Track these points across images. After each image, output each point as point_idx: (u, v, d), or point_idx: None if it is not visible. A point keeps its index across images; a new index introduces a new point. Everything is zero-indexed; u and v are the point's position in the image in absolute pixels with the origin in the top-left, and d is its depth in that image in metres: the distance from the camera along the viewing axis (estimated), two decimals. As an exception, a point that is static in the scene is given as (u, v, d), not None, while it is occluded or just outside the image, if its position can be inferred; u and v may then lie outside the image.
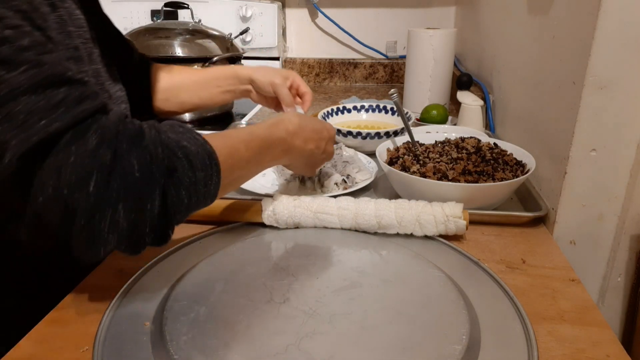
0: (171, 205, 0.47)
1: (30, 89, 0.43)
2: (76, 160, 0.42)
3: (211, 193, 0.52)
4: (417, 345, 0.45)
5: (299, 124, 0.67)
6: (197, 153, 0.49)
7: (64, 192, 0.42)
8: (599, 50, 0.62)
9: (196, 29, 1.36)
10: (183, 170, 0.48)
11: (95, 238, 0.44)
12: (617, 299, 0.74)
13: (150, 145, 0.46)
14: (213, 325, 0.47)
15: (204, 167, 0.49)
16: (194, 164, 0.49)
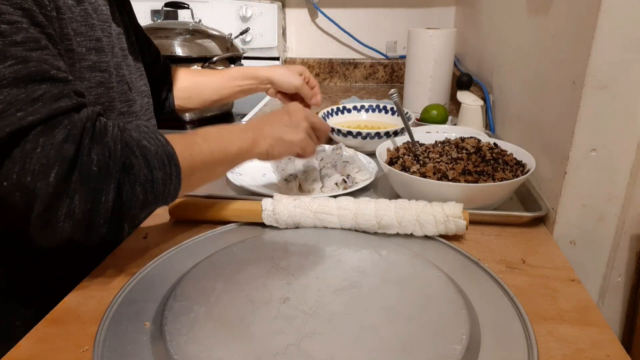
0: (126, 200, 0.50)
1: (13, 82, 0.46)
2: (42, 151, 0.46)
3: (171, 192, 0.54)
4: (417, 345, 0.45)
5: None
6: (156, 153, 0.53)
7: (27, 180, 0.46)
8: (599, 50, 0.62)
9: (196, 29, 1.36)
10: (139, 168, 0.51)
11: (52, 225, 0.48)
12: (617, 299, 0.74)
13: (110, 142, 0.50)
14: (213, 325, 0.47)
15: (162, 167, 0.52)
16: (151, 163, 0.52)
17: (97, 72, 0.66)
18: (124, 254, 0.64)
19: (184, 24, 1.37)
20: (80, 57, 0.63)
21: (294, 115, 0.70)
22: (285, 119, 0.70)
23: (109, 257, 0.63)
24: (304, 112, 0.71)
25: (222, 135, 0.63)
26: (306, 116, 0.71)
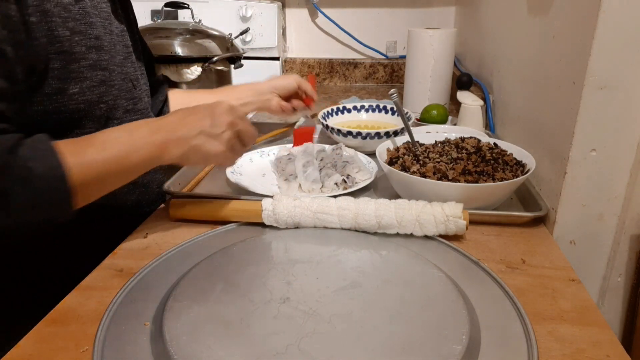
0: (3, 218, 0.51)
1: None
2: None
3: (60, 210, 0.54)
4: (417, 345, 0.45)
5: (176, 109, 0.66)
6: (41, 175, 0.51)
7: None
8: (599, 50, 0.62)
9: (196, 29, 1.36)
10: (15, 191, 0.50)
11: None
12: (617, 299, 0.74)
13: None
14: (213, 325, 0.47)
15: (48, 189, 0.52)
16: (34, 184, 0.51)
17: (98, 71, 0.66)
18: (124, 254, 0.64)
19: (184, 24, 1.37)
20: (79, 56, 0.63)
21: (218, 118, 0.62)
22: (207, 122, 0.62)
23: (108, 257, 0.63)
24: (230, 115, 0.63)
25: (124, 141, 0.58)
26: (231, 122, 0.63)
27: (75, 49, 0.62)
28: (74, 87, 0.63)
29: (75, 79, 0.63)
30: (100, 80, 0.67)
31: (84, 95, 0.64)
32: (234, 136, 0.64)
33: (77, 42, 0.62)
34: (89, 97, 0.65)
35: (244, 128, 0.65)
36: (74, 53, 0.62)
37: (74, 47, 0.62)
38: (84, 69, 0.64)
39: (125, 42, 0.76)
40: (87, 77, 0.64)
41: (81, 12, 0.64)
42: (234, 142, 0.64)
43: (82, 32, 0.63)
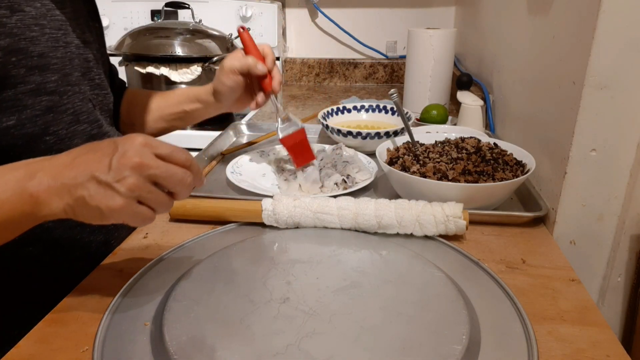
0: None
1: None
2: None
3: None
4: (417, 345, 0.45)
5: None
6: None
7: None
8: (599, 50, 0.62)
9: (196, 29, 1.36)
10: None
11: None
12: (617, 299, 0.74)
13: None
14: (213, 325, 0.47)
15: None
16: None
17: (43, 96, 0.56)
18: (124, 254, 0.64)
19: (184, 24, 1.37)
20: (17, 80, 0.53)
21: (121, 159, 0.44)
22: (104, 163, 0.44)
23: (108, 257, 0.63)
24: (138, 155, 0.44)
25: None
26: (139, 164, 0.44)
27: (11, 72, 0.52)
28: (8, 119, 0.53)
29: (10, 109, 0.53)
30: (46, 108, 0.57)
31: (23, 128, 0.55)
32: (145, 183, 0.45)
33: (13, 63, 0.52)
34: (29, 130, 0.56)
35: (163, 171, 0.45)
36: (9, 77, 0.52)
37: (9, 71, 0.52)
38: (23, 95, 0.54)
39: (86, 55, 0.66)
40: (28, 104, 0.55)
41: (19, 25, 0.53)
42: (145, 192, 0.45)
43: (22, 50, 0.53)
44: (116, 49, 1.35)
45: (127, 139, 0.46)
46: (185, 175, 0.47)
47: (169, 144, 0.47)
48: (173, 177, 0.46)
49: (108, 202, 0.44)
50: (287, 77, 1.86)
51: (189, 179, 0.47)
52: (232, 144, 1.10)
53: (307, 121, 1.18)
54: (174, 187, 0.47)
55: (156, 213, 0.47)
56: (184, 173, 0.47)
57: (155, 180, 0.45)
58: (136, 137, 0.46)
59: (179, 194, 0.48)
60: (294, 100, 1.59)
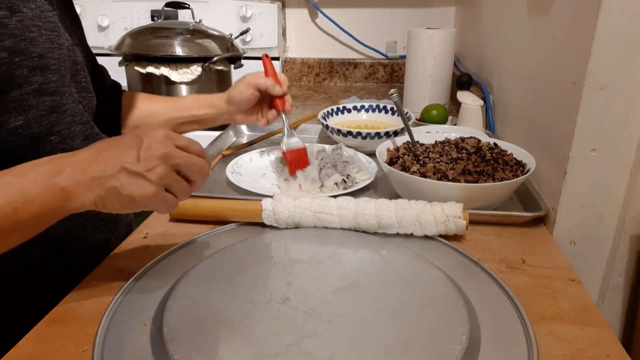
0: None
1: None
2: None
3: None
4: (417, 345, 0.45)
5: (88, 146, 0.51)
6: None
7: None
8: (599, 50, 0.62)
9: (196, 29, 1.36)
10: None
11: None
12: (617, 299, 0.74)
13: None
14: (213, 325, 0.47)
15: None
16: None
17: (46, 96, 0.57)
18: (124, 254, 0.64)
19: (184, 24, 1.37)
20: (21, 81, 0.54)
21: (149, 150, 0.47)
22: (132, 155, 0.47)
23: (108, 257, 0.63)
24: (163, 146, 0.48)
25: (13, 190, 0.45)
26: (165, 154, 0.48)
27: (15, 72, 0.52)
28: (16, 119, 0.54)
29: (17, 110, 0.53)
30: (50, 108, 0.57)
31: (30, 128, 0.55)
32: (171, 172, 0.48)
33: (18, 63, 0.53)
34: (35, 130, 0.56)
35: (186, 160, 0.49)
36: (14, 78, 0.52)
37: (14, 71, 0.52)
38: (29, 95, 0.54)
39: (74, 57, 0.66)
40: (33, 105, 0.55)
41: (19, 26, 0.53)
42: (171, 180, 0.48)
43: (23, 50, 0.53)
44: (116, 49, 1.35)
45: (150, 132, 0.49)
46: (203, 164, 0.51)
47: (185, 137, 0.52)
48: (194, 165, 0.50)
49: (140, 190, 0.47)
50: (287, 77, 1.85)
51: (206, 167, 0.51)
52: (232, 144, 1.10)
53: (307, 121, 1.18)
54: (194, 175, 0.50)
55: (178, 200, 0.50)
56: (202, 162, 0.51)
57: (179, 169, 0.49)
58: (158, 130, 0.50)
59: (197, 182, 0.51)
60: (294, 100, 1.58)
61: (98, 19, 1.63)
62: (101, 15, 1.63)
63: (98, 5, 1.63)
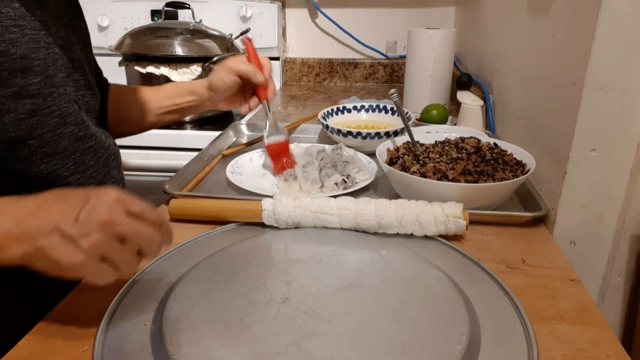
0: None
1: None
2: None
3: None
4: (417, 345, 0.45)
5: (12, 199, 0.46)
6: None
7: None
8: (599, 50, 0.62)
9: (197, 29, 1.36)
10: None
11: None
12: (617, 299, 0.74)
13: None
14: (213, 325, 0.47)
15: None
16: None
17: (26, 99, 0.55)
18: (124, 254, 0.64)
19: (184, 24, 1.37)
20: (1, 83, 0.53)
21: (90, 214, 0.43)
22: (71, 215, 0.43)
23: (109, 257, 0.63)
24: (110, 211, 0.44)
25: None
26: (107, 221, 0.43)
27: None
28: None
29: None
30: (30, 111, 0.56)
31: (6, 132, 0.54)
32: (110, 241, 0.43)
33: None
34: (12, 135, 0.55)
35: (131, 230, 0.44)
36: None
37: None
38: (6, 99, 0.53)
39: (70, 55, 0.64)
40: (10, 108, 0.53)
41: None
42: (109, 250, 0.43)
43: (3, 52, 0.52)
44: (116, 49, 1.35)
45: (100, 193, 0.45)
46: (153, 234, 0.46)
47: (142, 202, 0.47)
48: (141, 235, 0.45)
49: (69, 256, 0.42)
50: (287, 77, 1.86)
51: (157, 238, 0.46)
52: (232, 144, 1.10)
53: (307, 121, 1.18)
54: (143, 246, 0.46)
55: (120, 272, 0.45)
56: (153, 232, 0.46)
57: (123, 238, 0.44)
58: (110, 192, 0.45)
59: (147, 252, 0.46)
60: (294, 100, 1.59)
61: (98, 19, 1.63)
62: (101, 15, 1.63)
63: (98, 5, 1.63)
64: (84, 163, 0.67)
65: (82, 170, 0.66)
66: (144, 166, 1.27)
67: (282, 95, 1.68)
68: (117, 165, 0.75)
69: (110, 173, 0.73)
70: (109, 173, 0.72)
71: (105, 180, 0.71)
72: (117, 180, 0.75)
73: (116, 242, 0.44)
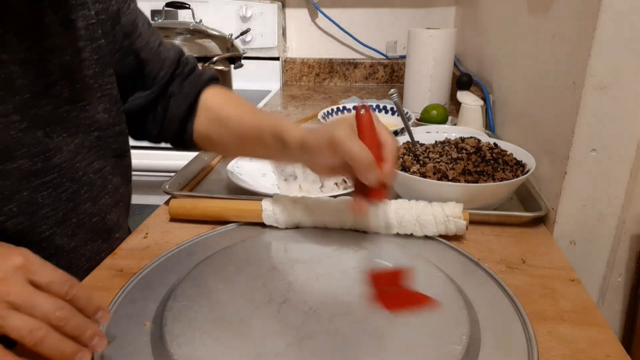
0: None
1: None
2: None
3: None
4: (417, 345, 0.45)
5: None
6: None
7: None
8: (599, 50, 0.62)
9: (197, 29, 1.36)
10: None
11: None
12: (617, 299, 0.74)
13: None
14: (213, 325, 0.47)
15: None
16: None
17: None
18: (124, 254, 0.64)
19: (184, 24, 1.37)
20: None
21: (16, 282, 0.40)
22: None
23: (108, 257, 0.63)
24: (5, 278, 0.40)
25: None
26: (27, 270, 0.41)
27: None
28: None
29: None
30: None
31: None
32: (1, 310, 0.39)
33: None
34: None
35: (24, 300, 0.40)
36: None
37: None
38: None
39: (46, 66, 0.55)
40: None
41: None
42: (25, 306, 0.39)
43: None
44: (116, 49, 1.34)
45: (4, 256, 0.41)
46: (53, 309, 0.40)
47: (54, 273, 0.42)
48: (36, 307, 0.39)
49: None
50: (287, 77, 1.86)
51: (58, 313, 0.40)
52: (232, 144, 1.10)
53: (307, 121, 1.18)
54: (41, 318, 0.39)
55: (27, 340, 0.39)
56: (54, 306, 0.40)
57: (16, 308, 0.39)
58: (15, 257, 0.41)
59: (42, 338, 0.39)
60: (294, 100, 1.59)
61: (98, 19, 1.62)
62: (101, 15, 1.63)
63: (98, 5, 1.62)
64: (35, 202, 0.55)
65: (30, 212, 0.55)
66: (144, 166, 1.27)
67: (282, 95, 1.68)
68: (93, 197, 0.62)
69: (77, 208, 0.60)
70: (75, 209, 0.60)
71: (66, 219, 0.59)
72: (89, 215, 0.62)
73: (6, 311, 0.39)
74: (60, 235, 0.59)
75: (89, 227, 0.63)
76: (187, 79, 0.72)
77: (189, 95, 0.71)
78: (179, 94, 0.71)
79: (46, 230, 0.57)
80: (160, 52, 0.71)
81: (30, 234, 0.56)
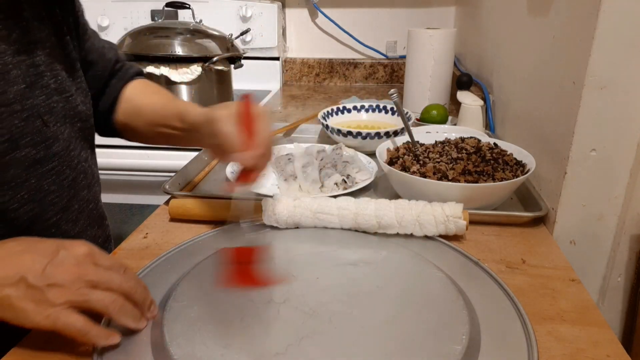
0: None
1: None
2: None
3: None
4: (417, 345, 0.45)
5: None
6: None
7: None
8: (599, 50, 0.62)
9: (197, 29, 1.36)
10: None
11: None
12: (617, 299, 0.74)
13: None
14: (213, 325, 0.47)
15: None
16: None
17: None
18: (124, 254, 0.64)
19: (184, 24, 1.37)
20: None
21: (58, 267, 0.43)
22: (37, 267, 0.43)
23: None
24: (78, 263, 0.44)
25: None
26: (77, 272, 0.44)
27: None
28: None
29: None
30: None
31: None
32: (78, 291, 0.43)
33: None
34: None
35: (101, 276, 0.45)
36: None
37: None
38: None
39: (33, 58, 0.56)
40: None
41: None
42: (79, 299, 0.43)
43: None
44: (116, 49, 1.34)
45: (71, 246, 0.46)
46: (125, 282, 0.46)
47: (112, 258, 0.47)
48: (111, 281, 0.45)
49: (36, 306, 0.42)
50: (287, 77, 1.86)
51: (129, 283, 0.46)
52: (232, 144, 1.09)
53: (307, 121, 1.18)
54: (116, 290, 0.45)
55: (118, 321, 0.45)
56: (124, 279, 0.46)
57: (95, 285, 0.44)
58: (80, 245, 0.46)
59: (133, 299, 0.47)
60: (293, 100, 1.59)
61: (98, 19, 1.63)
62: (101, 15, 1.63)
63: (98, 5, 1.63)
64: (42, 190, 0.57)
65: (38, 199, 0.57)
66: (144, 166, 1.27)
67: (282, 95, 1.68)
68: (87, 184, 0.65)
69: (77, 195, 0.63)
70: (75, 196, 0.63)
71: (69, 205, 0.61)
72: (87, 201, 0.65)
73: (87, 289, 0.44)
74: (65, 221, 0.62)
75: (87, 214, 0.66)
76: (115, 76, 0.77)
77: (115, 90, 0.76)
78: (107, 89, 0.75)
79: (53, 217, 0.60)
80: (105, 53, 0.75)
81: (39, 220, 0.58)
